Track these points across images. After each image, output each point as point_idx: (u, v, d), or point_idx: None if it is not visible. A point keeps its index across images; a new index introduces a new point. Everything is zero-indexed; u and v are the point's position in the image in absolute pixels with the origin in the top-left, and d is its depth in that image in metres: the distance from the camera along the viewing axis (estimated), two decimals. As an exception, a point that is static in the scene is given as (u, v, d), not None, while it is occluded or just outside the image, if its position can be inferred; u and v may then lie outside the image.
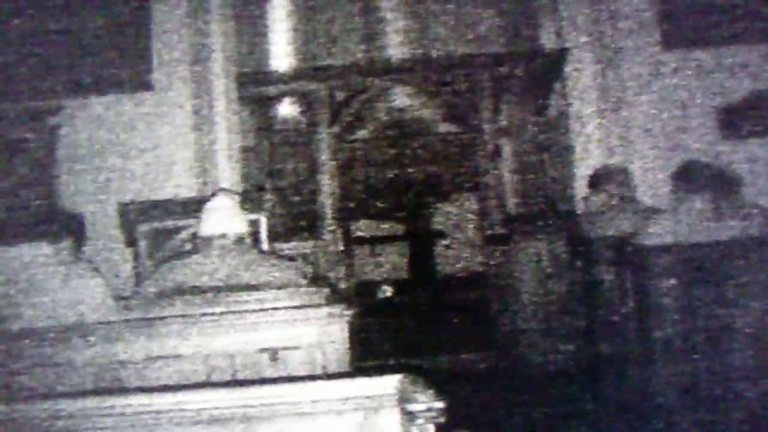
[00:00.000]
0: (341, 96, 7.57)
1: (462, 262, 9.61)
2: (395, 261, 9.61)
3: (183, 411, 2.00)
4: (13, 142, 6.26)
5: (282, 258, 4.49)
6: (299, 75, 8.40)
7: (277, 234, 6.55)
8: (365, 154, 8.78)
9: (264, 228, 5.92)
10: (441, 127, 9.11)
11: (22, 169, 6.22)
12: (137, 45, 6.68)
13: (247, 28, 8.56)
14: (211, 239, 3.96)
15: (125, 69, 6.69)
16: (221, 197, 4.11)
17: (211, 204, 4.06)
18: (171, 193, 6.47)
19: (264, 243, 5.87)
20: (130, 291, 4.32)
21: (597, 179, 6.23)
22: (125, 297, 3.99)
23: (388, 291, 8.16)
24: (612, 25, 7.00)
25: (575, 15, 7.16)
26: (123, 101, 6.69)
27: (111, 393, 2.39)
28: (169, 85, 6.73)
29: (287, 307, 3.59)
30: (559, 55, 7.31)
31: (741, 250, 4.47)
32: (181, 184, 6.64)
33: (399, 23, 9.46)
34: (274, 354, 3.41)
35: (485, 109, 7.50)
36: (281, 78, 8.41)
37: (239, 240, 3.97)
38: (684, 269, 4.46)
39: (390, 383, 1.99)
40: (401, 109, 9.18)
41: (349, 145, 8.38)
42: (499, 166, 7.75)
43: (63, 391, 3.18)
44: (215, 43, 7.03)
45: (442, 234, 9.59)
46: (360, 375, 2.12)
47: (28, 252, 3.86)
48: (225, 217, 3.98)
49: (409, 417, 1.98)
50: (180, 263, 3.93)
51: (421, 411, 1.98)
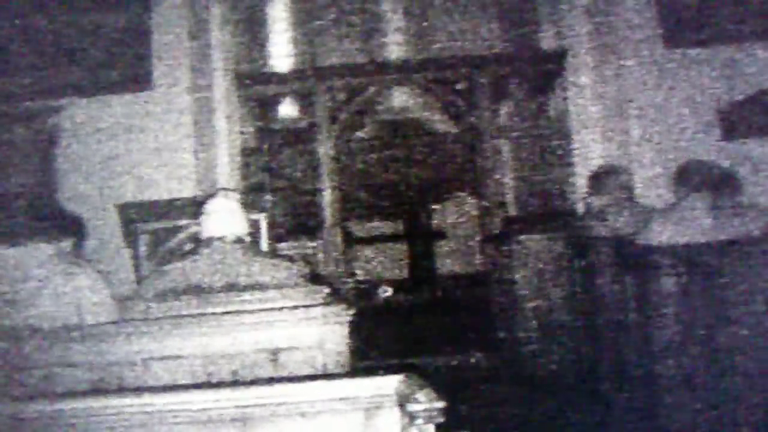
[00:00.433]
0: (341, 96, 7.57)
1: (462, 262, 9.61)
2: (395, 261, 9.62)
3: (183, 411, 2.00)
4: (13, 142, 6.25)
5: (282, 258, 4.50)
6: (299, 75, 8.40)
7: (277, 234, 6.55)
8: (365, 154, 8.79)
9: (264, 228, 5.92)
10: (441, 127, 9.12)
11: (22, 169, 6.22)
12: (137, 45, 6.68)
13: (247, 28, 8.56)
14: (211, 239, 3.96)
15: (125, 69, 6.68)
16: (221, 197, 4.11)
17: (211, 204, 4.06)
18: (171, 193, 6.47)
19: (264, 243, 5.87)
20: (130, 291, 4.32)
21: (597, 179, 6.23)
22: (125, 297, 3.99)
23: (388, 291, 8.15)
24: (612, 25, 7.00)
25: (575, 15, 7.16)
26: (123, 101, 6.69)
27: (111, 393, 2.39)
28: (169, 85, 6.73)
29: (287, 307, 3.59)
30: (559, 55, 7.31)
31: (741, 250, 4.47)
32: (181, 184, 6.63)
33: (399, 23, 9.46)
34: (274, 354, 3.41)
35: (485, 109, 7.50)
36: (281, 78, 8.40)
37: (239, 240, 3.97)
38: (684, 269, 4.46)
39: (390, 383, 1.99)
40: (401, 109, 9.19)
41: (349, 145, 8.38)
42: (499, 166, 7.75)
43: (63, 391, 3.18)
44: (215, 43, 7.03)
45: (442, 234, 9.59)
46: (360, 375, 2.13)
47: (28, 252, 3.86)
48: (225, 218, 3.98)
49: (409, 417, 1.98)
50: (180, 263, 3.93)
51: (421, 411, 1.98)
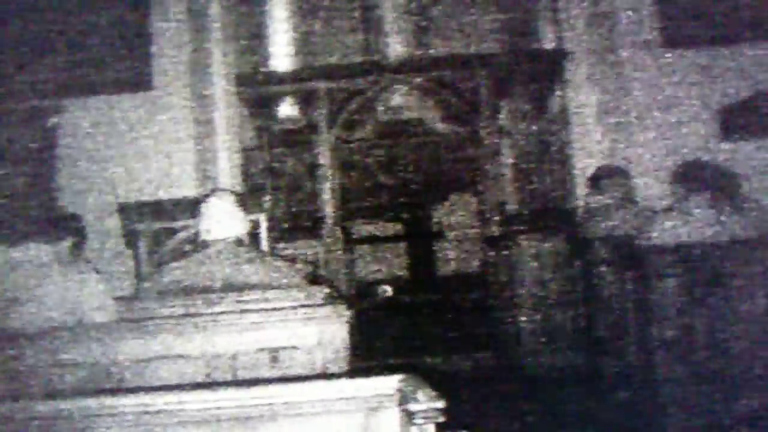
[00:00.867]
0: (341, 96, 7.56)
1: (462, 262, 9.61)
2: (395, 261, 9.62)
3: (183, 411, 2.00)
4: (13, 142, 6.25)
5: (282, 258, 4.50)
6: (299, 75, 8.40)
7: (277, 234, 6.55)
8: (365, 154, 8.78)
9: (264, 228, 5.92)
10: (440, 127, 9.11)
11: (22, 169, 6.22)
12: (137, 45, 6.68)
13: (247, 28, 8.56)
14: (210, 241, 3.96)
15: (125, 69, 6.68)
16: (215, 199, 4.10)
17: (207, 205, 4.06)
18: (171, 193, 6.46)
19: (264, 243, 5.88)
20: (130, 291, 4.32)
21: (597, 179, 6.23)
22: (125, 297, 3.99)
23: (388, 291, 8.15)
24: (612, 25, 7.00)
25: (575, 15, 7.15)
26: (123, 101, 6.68)
27: (111, 393, 2.39)
28: (169, 85, 6.72)
29: (287, 307, 3.59)
30: (559, 55, 7.31)
31: (741, 250, 4.47)
32: (181, 184, 6.63)
33: (399, 23, 9.46)
34: (274, 354, 3.41)
35: (485, 109, 7.49)
36: (281, 78, 8.40)
37: (239, 240, 3.98)
38: (684, 269, 4.46)
39: (390, 383, 1.99)
40: (401, 109, 9.19)
41: (349, 145, 8.38)
42: (499, 166, 7.75)
43: (63, 391, 3.18)
44: (215, 44, 7.03)
45: (441, 234, 9.59)
46: (360, 375, 2.12)
47: (28, 252, 3.86)
48: (221, 219, 3.98)
49: (409, 417, 1.98)
50: (180, 263, 3.93)
51: (421, 411, 1.98)
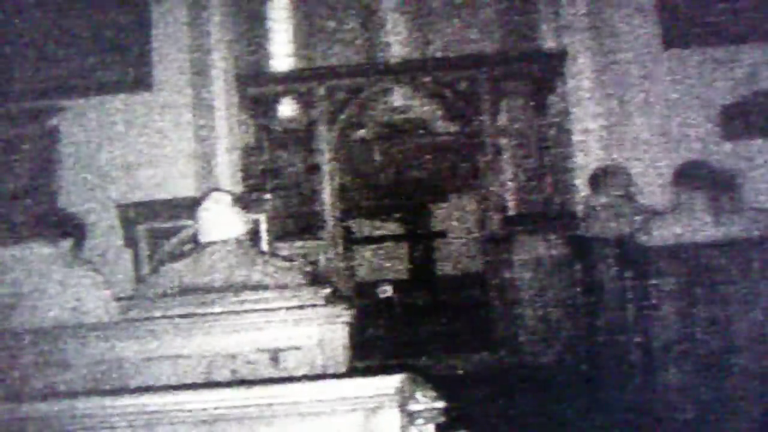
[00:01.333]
0: (341, 96, 7.56)
1: (462, 262, 9.61)
2: (395, 261, 9.62)
3: (183, 411, 2.00)
4: (13, 142, 6.25)
5: (282, 258, 4.50)
6: (299, 75, 8.41)
7: (277, 234, 6.55)
8: (365, 154, 8.79)
9: (264, 228, 5.92)
10: (441, 127, 9.12)
11: (22, 169, 6.21)
12: (137, 45, 6.68)
13: (247, 28, 8.57)
14: (209, 241, 3.96)
15: (125, 69, 6.68)
16: (211, 200, 4.10)
17: (204, 206, 4.06)
18: (171, 193, 6.46)
19: (264, 243, 5.87)
20: (130, 291, 4.32)
21: (597, 179, 6.23)
22: (125, 297, 3.99)
23: (388, 291, 8.15)
24: (612, 25, 7.00)
25: (575, 15, 7.15)
26: (123, 101, 6.68)
27: (111, 393, 2.39)
28: (169, 85, 6.72)
29: (287, 307, 3.59)
30: (559, 55, 7.31)
31: (741, 250, 4.47)
32: (181, 184, 6.63)
33: (399, 23, 9.47)
34: (274, 354, 3.41)
35: (485, 109, 7.49)
36: (281, 78, 8.41)
37: (239, 240, 3.98)
38: (684, 269, 4.46)
39: (390, 383, 1.99)
40: (401, 109, 9.20)
41: (349, 145, 8.39)
42: (499, 166, 7.75)
43: (63, 391, 3.17)
44: (215, 43, 7.03)
45: (442, 234, 9.59)
46: (360, 375, 2.12)
47: (28, 252, 3.86)
48: (219, 219, 3.98)
49: (409, 417, 1.98)
50: (180, 263, 3.93)
51: (421, 411, 1.98)
